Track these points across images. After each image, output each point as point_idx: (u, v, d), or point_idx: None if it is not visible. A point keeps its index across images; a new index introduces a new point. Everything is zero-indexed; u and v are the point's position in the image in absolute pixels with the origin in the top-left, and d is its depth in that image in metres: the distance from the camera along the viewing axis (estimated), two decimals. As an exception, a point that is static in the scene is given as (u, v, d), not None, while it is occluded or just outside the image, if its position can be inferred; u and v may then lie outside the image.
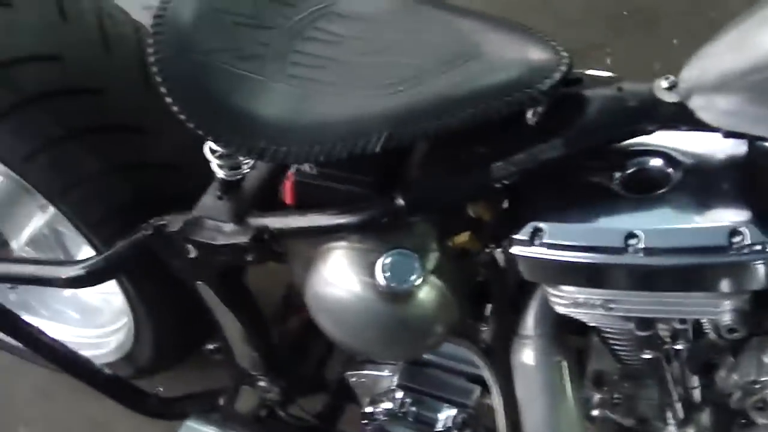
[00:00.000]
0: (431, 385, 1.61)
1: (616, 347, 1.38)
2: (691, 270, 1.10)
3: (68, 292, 2.22)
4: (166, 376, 2.17)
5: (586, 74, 1.25)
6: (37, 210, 1.99)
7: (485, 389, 1.55)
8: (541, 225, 1.16)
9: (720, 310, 1.14)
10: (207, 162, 1.36)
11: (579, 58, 2.77)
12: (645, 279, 1.14)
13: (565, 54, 1.19)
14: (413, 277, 1.24)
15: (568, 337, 1.42)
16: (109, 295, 2.12)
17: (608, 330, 1.33)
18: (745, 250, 1.06)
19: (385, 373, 1.63)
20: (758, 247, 1.06)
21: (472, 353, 1.47)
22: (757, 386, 1.19)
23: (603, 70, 1.32)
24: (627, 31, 2.93)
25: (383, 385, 1.64)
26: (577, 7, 3.05)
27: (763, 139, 1.10)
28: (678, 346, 1.30)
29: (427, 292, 1.27)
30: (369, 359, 1.65)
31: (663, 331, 1.28)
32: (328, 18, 1.33)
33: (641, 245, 1.10)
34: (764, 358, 1.18)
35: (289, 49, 1.29)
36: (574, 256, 1.14)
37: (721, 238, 1.07)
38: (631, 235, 1.11)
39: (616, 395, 1.47)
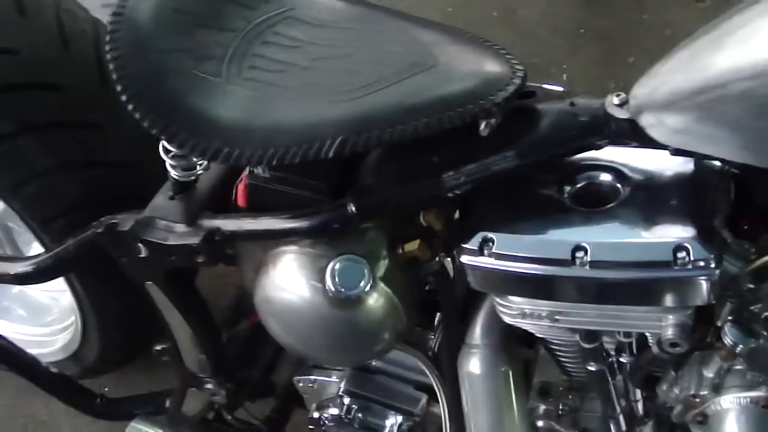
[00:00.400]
0: (378, 392, 1.61)
1: (562, 359, 1.40)
2: (636, 284, 1.12)
3: (16, 289, 2.19)
4: (112, 376, 2.16)
5: (541, 87, 1.26)
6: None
7: (432, 397, 1.56)
8: (491, 235, 1.18)
9: (663, 324, 1.16)
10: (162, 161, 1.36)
11: (537, 74, 2.80)
12: (591, 292, 1.15)
13: (519, 67, 1.21)
14: (362, 283, 1.25)
15: (515, 347, 1.44)
16: (57, 293, 2.10)
17: (555, 341, 1.35)
18: (689, 266, 1.08)
19: (333, 378, 1.64)
20: (701, 264, 1.08)
21: (419, 361, 1.48)
22: (697, 400, 1.21)
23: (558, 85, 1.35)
24: (584, 49, 2.98)
25: (331, 391, 1.64)
26: (536, 24, 3.09)
27: (710, 157, 1.12)
28: (622, 359, 1.32)
29: (375, 299, 1.27)
30: (317, 364, 1.65)
31: (608, 343, 1.31)
32: (287, 22, 1.34)
33: (588, 258, 1.12)
34: (705, 373, 1.20)
35: (247, 52, 1.29)
36: (522, 267, 1.16)
37: (665, 253, 1.09)
38: (578, 247, 1.13)
39: (561, 406, 1.48)
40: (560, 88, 1.32)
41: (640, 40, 2.95)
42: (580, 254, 1.12)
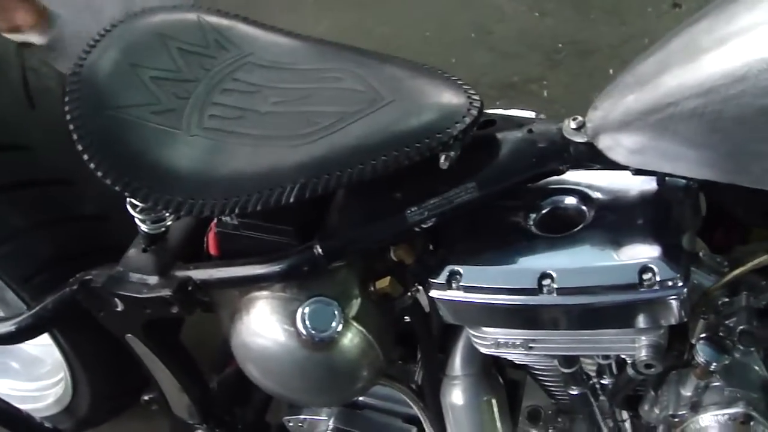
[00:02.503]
0: (367, 427, 1.61)
1: (545, 383, 1.39)
2: (604, 308, 1.11)
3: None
4: (108, 425, 2.15)
5: (499, 115, 1.26)
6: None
7: (421, 429, 1.55)
8: (458, 268, 1.18)
9: (636, 345, 1.15)
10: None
11: (517, 92, 2.82)
12: (561, 318, 1.15)
13: (476, 97, 1.21)
14: (333, 324, 1.25)
15: (496, 375, 1.43)
16: (50, 346, 2.10)
17: (535, 367, 1.34)
18: (656, 287, 1.08)
19: (322, 417, 1.64)
20: (669, 283, 1.08)
21: (403, 395, 1.48)
22: (677, 420, 1.20)
23: (527, 108, 1.35)
24: (563, 63, 2.98)
25: (320, 429, 1.64)
26: (514, 41, 3.10)
27: (671, 175, 1.12)
28: (603, 381, 1.31)
29: (350, 339, 1.27)
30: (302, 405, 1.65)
31: (588, 365, 1.30)
32: (246, 68, 1.34)
33: (555, 285, 1.12)
34: (683, 392, 1.20)
35: (207, 101, 1.29)
36: (490, 299, 1.16)
37: (631, 275, 1.08)
38: (545, 275, 1.13)
39: (550, 430, 1.48)
40: (530, 113, 1.32)
41: (619, 51, 2.96)
42: (546, 282, 1.12)
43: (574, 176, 1.21)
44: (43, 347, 2.15)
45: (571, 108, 1.21)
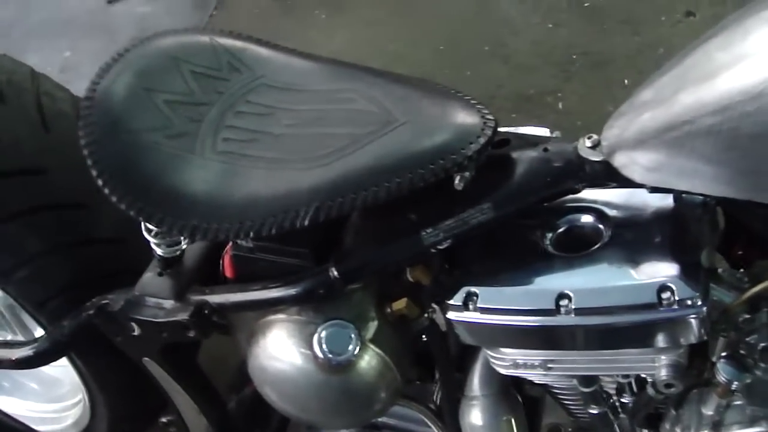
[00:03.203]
0: (386, 449, 1.60)
1: (564, 402, 1.38)
2: (623, 328, 1.10)
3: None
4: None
5: (514, 134, 1.26)
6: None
7: (440, 450, 1.55)
8: (475, 289, 1.17)
9: (656, 365, 1.14)
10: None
11: (532, 105, 2.81)
12: (579, 339, 1.14)
13: (490, 117, 1.20)
14: (350, 348, 1.24)
15: (515, 394, 1.42)
16: (68, 367, 2.10)
17: (555, 387, 1.33)
18: (675, 306, 1.07)
19: (341, 438, 1.63)
20: (688, 302, 1.07)
21: (422, 415, 1.47)
22: (698, 439, 1.19)
23: (541, 125, 1.34)
24: (578, 75, 2.97)
25: (338, 451, 1.63)
26: (528, 54, 3.09)
27: (688, 192, 1.11)
28: (624, 400, 1.30)
29: (367, 361, 1.27)
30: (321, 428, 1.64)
31: (608, 384, 1.29)
32: (259, 90, 1.34)
33: (573, 306, 1.11)
34: (704, 411, 1.19)
35: (220, 124, 1.29)
36: (507, 320, 1.15)
37: (650, 295, 1.08)
38: (562, 295, 1.12)
39: (571, 449, 1.47)
40: (544, 131, 1.31)
41: (634, 61, 2.94)
42: (564, 302, 1.11)
43: (590, 195, 1.20)
44: (62, 368, 2.16)
45: (586, 120, 1.20)
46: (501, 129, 1.22)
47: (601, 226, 1.19)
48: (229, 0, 3.65)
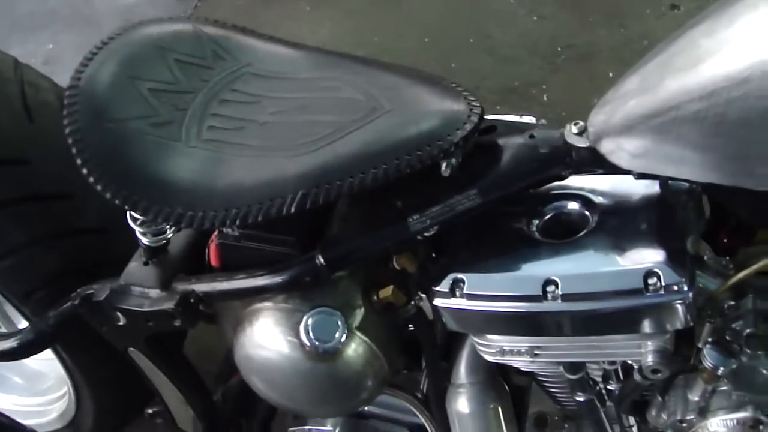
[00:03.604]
0: (373, 438, 1.60)
1: (551, 390, 1.38)
2: (609, 314, 1.10)
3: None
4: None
5: (500, 120, 1.26)
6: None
7: (427, 438, 1.55)
8: (461, 276, 1.17)
9: (642, 351, 1.14)
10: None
11: (517, 96, 2.81)
12: (566, 325, 1.14)
13: (476, 104, 1.20)
14: (337, 335, 1.24)
15: (501, 382, 1.43)
16: (53, 360, 2.09)
17: (541, 374, 1.33)
18: (661, 292, 1.07)
19: (327, 427, 1.63)
20: (674, 288, 1.07)
21: (409, 404, 1.47)
22: (684, 425, 1.19)
23: (527, 113, 1.34)
24: (563, 67, 2.98)
25: (326, 440, 1.63)
26: (513, 46, 3.09)
27: (674, 179, 1.11)
28: (610, 387, 1.31)
29: (354, 349, 1.26)
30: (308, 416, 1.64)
31: (594, 371, 1.29)
32: (244, 79, 1.34)
33: (559, 292, 1.11)
34: (690, 396, 1.19)
35: (206, 112, 1.29)
36: (494, 306, 1.15)
37: (636, 280, 1.08)
38: (549, 281, 1.12)
39: (557, 436, 1.47)
40: (530, 119, 1.31)
41: (619, 53, 2.95)
42: (550, 288, 1.11)
43: (576, 181, 1.20)
44: (46, 362, 2.15)
45: (571, 111, 1.20)
46: (487, 117, 1.22)
47: (587, 212, 1.19)
48: (214, -9, 3.65)
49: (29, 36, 3.52)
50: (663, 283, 1.06)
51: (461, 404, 1.39)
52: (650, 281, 1.07)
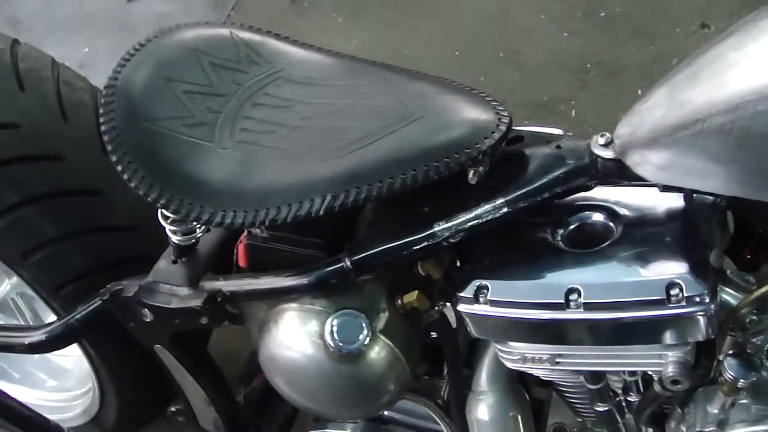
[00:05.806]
0: (392, 443, 1.62)
1: (571, 400, 1.39)
2: (631, 324, 1.11)
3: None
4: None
5: (528, 131, 1.27)
6: (4, 276, 2.00)
7: (446, 445, 1.56)
8: (485, 282, 1.18)
9: (663, 361, 1.15)
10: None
11: (545, 111, 2.81)
12: (588, 333, 1.15)
13: (505, 114, 1.22)
14: (361, 338, 1.26)
15: (522, 391, 1.43)
16: (78, 357, 2.12)
17: (561, 383, 1.34)
18: (683, 303, 1.07)
19: (347, 430, 1.64)
20: (696, 299, 1.07)
21: (429, 410, 1.48)
22: (704, 437, 1.20)
23: (554, 126, 1.35)
24: (591, 83, 2.98)
25: (345, 443, 1.65)
26: (542, 61, 3.10)
27: (699, 192, 1.12)
28: (630, 398, 1.31)
29: (377, 352, 1.28)
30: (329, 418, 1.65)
31: (614, 382, 1.30)
32: (277, 83, 1.36)
33: (582, 300, 1.12)
34: (710, 409, 1.19)
35: (238, 115, 1.31)
36: (517, 313, 1.16)
37: (658, 291, 1.08)
38: (572, 290, 1.13)
39: (575, 448, 1.48)
40: (557, 130, 1.33)
41: (647, 71, 2.95)
42: (573, 297, 1.12)
43: (601, 192, 1.21)
44: (71, 358, 2.18)
45: (599, 127, 1.21)
46: (515, 127, 1.24)
47: (611, 223, 1.20)
48: (247, 1, 3.68)
49: (65, 39, 3.57)
50: (685, 295, 1.07)
51: (481, 411, 1.40)
52: (672, 292, 1.08)
